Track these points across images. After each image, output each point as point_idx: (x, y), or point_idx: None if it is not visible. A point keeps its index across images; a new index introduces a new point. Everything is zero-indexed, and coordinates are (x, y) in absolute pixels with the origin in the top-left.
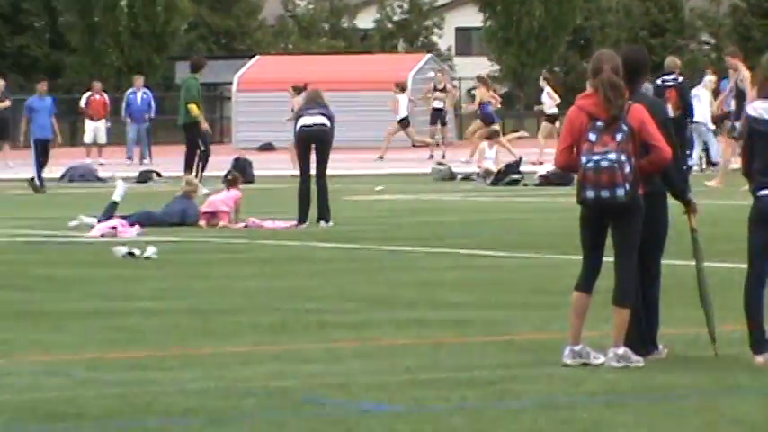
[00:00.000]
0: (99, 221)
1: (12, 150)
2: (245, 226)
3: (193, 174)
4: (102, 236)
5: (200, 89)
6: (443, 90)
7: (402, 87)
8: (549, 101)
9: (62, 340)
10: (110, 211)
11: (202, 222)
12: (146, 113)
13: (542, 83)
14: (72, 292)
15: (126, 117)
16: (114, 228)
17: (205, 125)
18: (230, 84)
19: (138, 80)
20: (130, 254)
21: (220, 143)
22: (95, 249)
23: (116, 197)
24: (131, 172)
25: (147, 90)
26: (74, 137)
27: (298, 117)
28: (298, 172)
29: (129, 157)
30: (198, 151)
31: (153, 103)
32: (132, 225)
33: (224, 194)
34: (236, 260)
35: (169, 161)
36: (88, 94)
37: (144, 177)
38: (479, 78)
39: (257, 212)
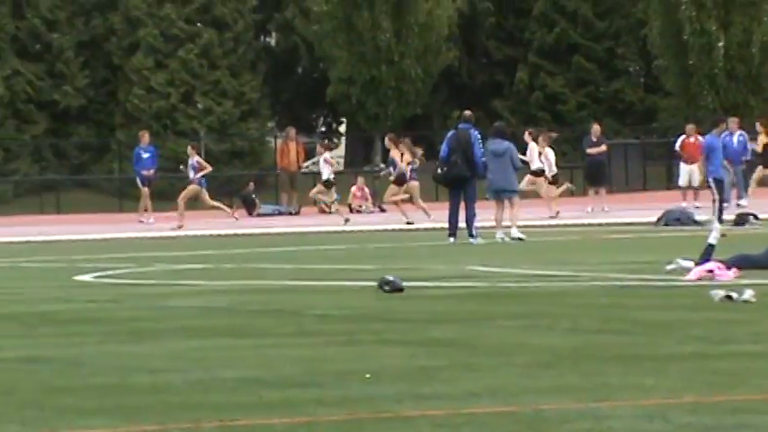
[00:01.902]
0: (696, 265)
1: (607, 194)
2: None
3: None
4: (699, 279)
5: None
6: None
7: None
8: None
9: (661, 384)
10: (707, 255)
11: None
12: (742, 155)
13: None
14: (670, 335)
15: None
16: (711, 271)
17: None
18: None
19: (733, 123)
20: (728, 297)
21: None
22: (692, 293)
23: (712, 240)
24: (728, 215)
25: (743, 133)
26: (669, 180)
27: None
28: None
29: (727, 200)
30: None
31: (748, 146)
32: (729, 268)
33: None
34: None
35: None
36: (682, 136)
37: (741, 220)
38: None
39: None
